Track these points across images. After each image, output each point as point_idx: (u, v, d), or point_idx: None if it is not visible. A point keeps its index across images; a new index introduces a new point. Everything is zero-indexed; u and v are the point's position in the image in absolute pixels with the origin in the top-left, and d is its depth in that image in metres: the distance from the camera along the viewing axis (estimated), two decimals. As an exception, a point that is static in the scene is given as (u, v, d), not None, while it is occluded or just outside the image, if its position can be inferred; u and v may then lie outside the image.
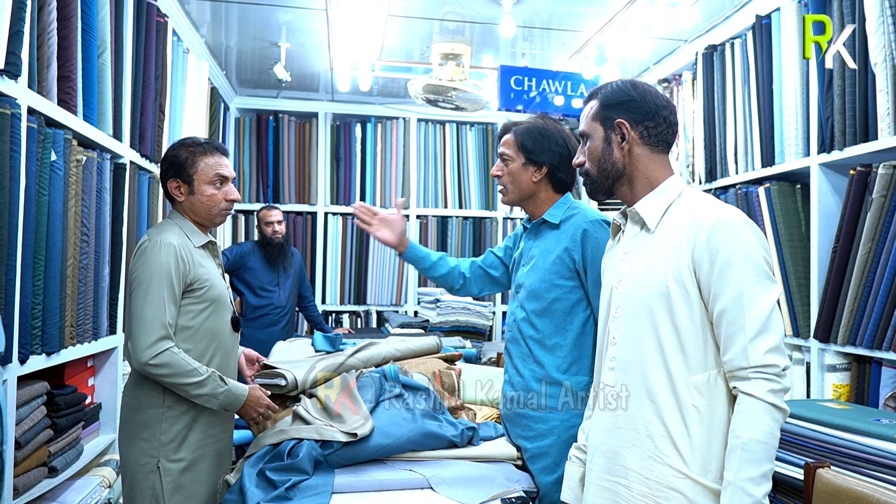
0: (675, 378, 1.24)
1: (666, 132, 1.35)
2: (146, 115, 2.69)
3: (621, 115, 1.34)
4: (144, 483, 1.74)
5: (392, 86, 4.42)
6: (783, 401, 1.20)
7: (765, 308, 1.19)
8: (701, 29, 3.24)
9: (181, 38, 3.24)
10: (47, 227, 1.87)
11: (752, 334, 1.18)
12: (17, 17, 1.62)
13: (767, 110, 2.77)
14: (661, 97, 1.36)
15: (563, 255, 1.68)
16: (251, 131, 4.80)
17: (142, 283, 1.69)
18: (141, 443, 1.75)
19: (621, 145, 1.34)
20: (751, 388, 1.18)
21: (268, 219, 3.95)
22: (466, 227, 5.01)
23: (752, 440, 1.16)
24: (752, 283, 1.20)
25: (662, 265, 1.27)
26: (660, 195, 1.33)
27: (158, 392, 1.76)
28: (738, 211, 1.28)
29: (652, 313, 1.27)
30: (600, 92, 1.39)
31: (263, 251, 3.96)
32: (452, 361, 2.15)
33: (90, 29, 2.16)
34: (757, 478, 1.15)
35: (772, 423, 1.17)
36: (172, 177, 1.84)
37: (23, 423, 1.82)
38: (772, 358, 1.18)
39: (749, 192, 2.82)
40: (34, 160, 1.78)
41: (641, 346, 1.28)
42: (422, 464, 1.61)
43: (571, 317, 1.68)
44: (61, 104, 1.98)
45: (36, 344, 1.84)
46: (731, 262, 1.20)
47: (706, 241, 1.23)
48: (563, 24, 3.35)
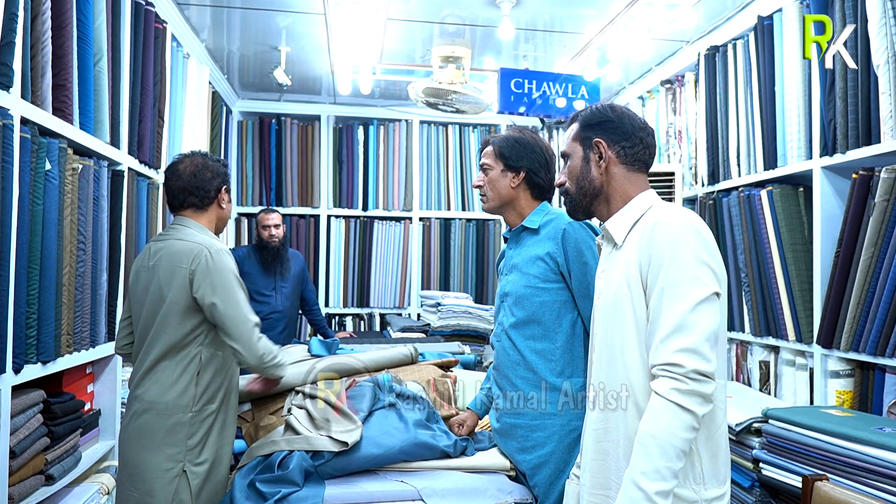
0: (635, 383, 1.26)
1: (642, 152, 1.40)
2: (144, 122, 2.69)
3: (599, 135, 1.40)
4: (168, 488, 1.76)
5: (394, 88, 4.41)
6: (696, 403, 1.17)
7: (683, 308, 1.19)
8: (703, 30, 3.20)
9: (181, 44, 3.24)
10: (42, 236, 1.87)
11: (665, 333, 1.20)
12: (8, 29, 1.62)
13: (770, 112, 2.74)
14: (638, 120, 1.42)
15: (545, 259, 1.69)
16: (254, 134, 4.81)
17: (226, 289, 1.82)
18: (166, 448, 1.78)
19: (599, 163, 1.40)
20: (656, 385, 1.20)
21: (265, 222, 3.87)
22: (469, 230, 4.99)
23: (647, 434, 1.17)
24: (674, 282, 1.21)
25: (622, 275, 1.31)
26: (628, 210, 1.37)
27: (188, 397, 1.81)
28: (686, 214, 1.30)
29: (618, 323, 1.30)
30: (581, 114, 1.46)
31: (259, 255, 3.88)
32: (448, 368, 2.13)
33: (86, 37, 2.16)
34: (649, 472, 1.15)
35: (673, 421, 1.16)
36: (223, 185, 2.03)
37: (18, 432, 1.82)
38: (680, 357, 1.18)
39: (751, 194, 2.79)
40: (27, 170, 1.79)
41: (613, 356, 1.31)
42: (414, 474, 1.60)
43: (560, 319, 1.67)
44: (56, 113, 1.98)
45: (31, 353, 1.85)
46: (661, 261, 1.24)
47: (647, 243, 1.27)
48: (564, 27, 3.33)
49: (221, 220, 2.05)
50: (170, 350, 1.83)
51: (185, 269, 1.82)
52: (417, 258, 4.91)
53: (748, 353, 2.94)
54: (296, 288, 3.97)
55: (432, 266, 4.94)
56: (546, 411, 1.65)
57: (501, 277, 1.85)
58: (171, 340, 1.82)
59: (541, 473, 1.64)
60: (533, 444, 1.66)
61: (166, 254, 1.86)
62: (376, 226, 4.88)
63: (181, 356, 1.83)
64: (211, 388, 1.85)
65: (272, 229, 3.83)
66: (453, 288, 4.90)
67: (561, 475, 1.61)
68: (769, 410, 2.18)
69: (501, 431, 1.76)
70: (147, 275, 1.90)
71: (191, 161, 2.01)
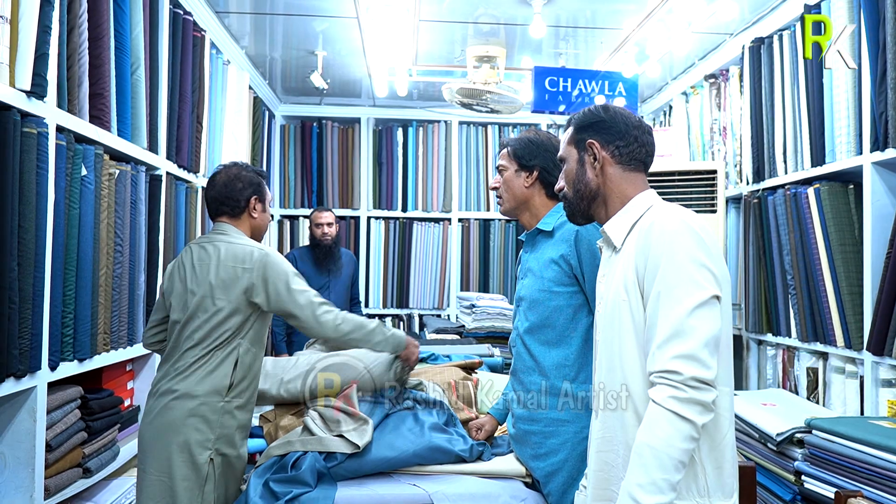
0: (635, 391, 1.22)
1: (638, 151, 1.37)
2: (183, 127, 2.78)
3: (592, 136, 1.38)
4: (195, 477, 1.80)
5: (433, 89, 4.42)
6: (695, 412, 1.12)
7: (680, 313, 1.15)
8: (747, 21, 3.07)
9: (220, 51, 3.33)
10: (78, 238, 1.95)
11: (662, 339, 1.15)
12: (42, 41, 1.70)
13: (817, 105, 2.60)
14: (633, 118, 1.39)
15: (559, 262, 1.65)
16: (296, 138, 4.90)
17: (293, 279, 1.95)
18: (195, 434, 1.82)
19: (594, 165, 1.37)
20: (654, 393, 1.15)
21: (318, 220, 3.95)
22: (509, 231, 4.94)
23: (643, 444, 1.12)
24: (671, 285, 1.17)
25: (620, 279, 1.27)
26: (627, 212, 1.34)
27: (223, 388, 1.87)
28: (683, 214, 1.25)
29: (617, 329, 1.26)
30: (574, 117, 1.43)
31: (312, 254, 3.95)
32: (472, 370, 2.11)
33: (123, 47, 2.25)
34: (646, 485, 1.10)
35: (671, 431, 1.11)
36: (254, 195, 2.06)
37: (55, 426, 1.91)
38: (677, 364, 1.13)
39: (798, 193, 2.66)
40: (63, 175, 1.87)
41: (612, 363, 1.28)
42: (427, 478, 1.58)
43: (574, 324, 1.63)
44: (93, 121, 2.06)
45: (67, 351, 1.93)
46: (658, 264, 1.20)
47: (643, 246, 1.23)
48: (599, 23, 3.25)
49: (255, 228, 2.09)
50: (214, 343, 1.88)
51: (240, 269, 1.91)
52: (456, 259, 4.90)
53: (795, 359, 2.79)
54: (348, 288, 4.04)
55: (471, 267, 4.92)
56: (559, 418, 1.60)
57: (518, 282, 1.83)
58: (216, 334, 1.88)
59: (554, 481, 1.60)
60: (546, 452, 1.62)
61: (221, 253, 1.94)
62: (415, 227, 4.90)
63: (225, 349, 1.89)
64: (244, 381, 1.91)
65: (325, 227, 3.91)
66: (493, 289, 4.86)
67: (574, 483, 1.56)
68: (813, 420, 2.07)
69: (517, 438, 1.73)
70: (191, 273, 1.95)
71: (226, 172, 2.08)
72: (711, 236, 1.24)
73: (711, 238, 1.24)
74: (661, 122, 4.35)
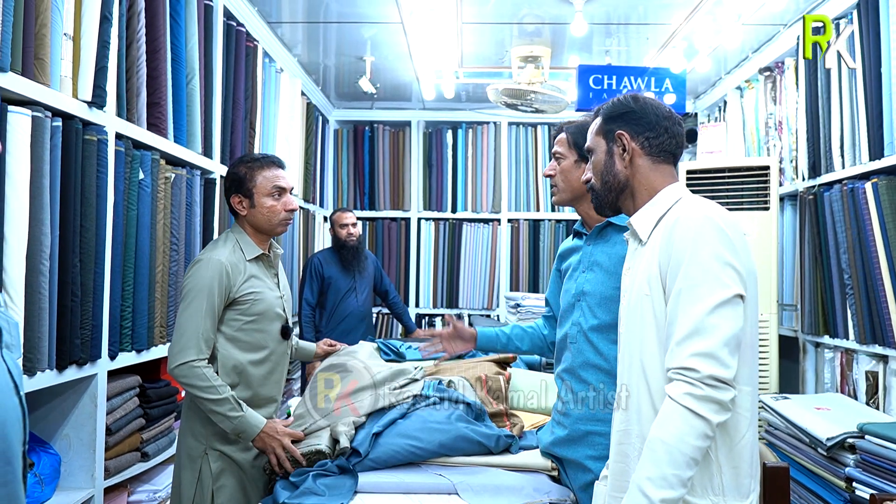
0: (654, 387, 1.21)
1: (668, 143, 1.34)
2: (236, 133, 2.93)
3: (622, 126, 1.36)
4: (191, 467, 1.85)
5: (481, 91, 4.44)
6: (711, 410, 1.10)
7: (701, 310, 1.13)
8: (801, 10, 2.95)
9: (273, 59, 3.48)
10: (136, 238, 2.10)
11: (681, 336, 1.14)
12: (101, 55, 1.85)
13: (876, 96, 2.48)
14: (663, 109, 1.37)
15: None
16: (348, 142, 5.05)
17: (187, 297, 1.80)
18: (196, 426, 1.86)
19: (623, 156, 1.35)
20: (670, 389, 1.14)
21: (342, 221, 3.81)
22: (559, 231, 4.91)
23: (656, 439, 1.11)
24: (693, 283, 1.15)
25: (644, 273, 1.25)
26: (654, 205, 1.31)
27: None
28: (709, 209, 1.22)
29: (639, 323, 1.25)
30: (603, 107, 1.41)
31: (338, 255, 3.84)
32: (506, 364, 2.12)
33: (179, 59, 2.40)
34: (656, 478, 1.09)
35: (684, 427, 1.09)
36: (234, 192, 1.91)
37: (115, 412, 2.06)
38: (695, 362, 1.11)
39: (855, 188, 2.54)
40: (122, 179, 2.02)
41: (633, 358, 1.27)
42: (453, 469, 1.62)
43: None
44: (151, 128, 2.21)
45: (126, 342, 2.08)
46: (680, 260, 1.18)
47: (667, 241, 1.21)
48: (644, 18, 3.20)
49: (255, 225, 1.92)
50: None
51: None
52: (506, 260, 4.91)
53: (854, 362, 2.66)
54: (372, 287, 4.00)
55: (521, 268, 4.92)
56: None
57: (574, 274, 1.73)
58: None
59: None
60: None
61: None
62: (465, 228, 4.94)
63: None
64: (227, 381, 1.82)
65: (350, 228, 3.81)
66: (542, 290, 4.84)
67: None
68: (865, 425, 1.98)
69: (571, 439, 1.62)
70: None
71: None
72: (738, 232, 1.22)
73: (738, 234, 1.21)
74: (716, 118, 4.22)
